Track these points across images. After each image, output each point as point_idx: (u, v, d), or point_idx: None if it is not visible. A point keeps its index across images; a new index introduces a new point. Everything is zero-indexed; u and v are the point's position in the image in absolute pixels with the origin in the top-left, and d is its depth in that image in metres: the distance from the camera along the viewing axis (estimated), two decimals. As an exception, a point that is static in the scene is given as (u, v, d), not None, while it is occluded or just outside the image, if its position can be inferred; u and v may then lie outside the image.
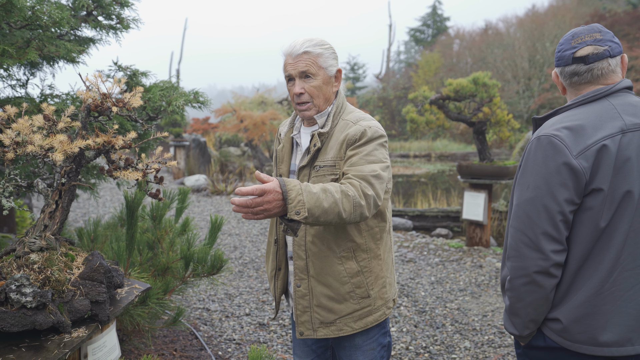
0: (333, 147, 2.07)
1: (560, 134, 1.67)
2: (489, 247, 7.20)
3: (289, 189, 1.69)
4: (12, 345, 1.69)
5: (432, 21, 48.02)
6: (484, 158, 7.14)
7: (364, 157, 1.97)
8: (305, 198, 1.71)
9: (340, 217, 1.79)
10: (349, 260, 2.08)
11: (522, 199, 1.72)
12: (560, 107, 1.83)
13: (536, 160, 1.70)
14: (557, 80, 1.90)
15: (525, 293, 1.73)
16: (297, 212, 1.69)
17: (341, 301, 2.09)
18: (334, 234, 2.07)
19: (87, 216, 9.59)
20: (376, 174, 1.93)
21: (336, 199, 1.78)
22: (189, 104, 3.17)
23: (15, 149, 1.92)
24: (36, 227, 1.97)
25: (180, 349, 3.86)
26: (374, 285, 2.12)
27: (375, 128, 2.06)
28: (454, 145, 29.93)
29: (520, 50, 29.26)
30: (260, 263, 6.62)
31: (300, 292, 2.14)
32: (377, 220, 2.12)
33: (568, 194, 1.64)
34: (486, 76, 6.78)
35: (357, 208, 1.83)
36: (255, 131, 15.84)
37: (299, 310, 2.15)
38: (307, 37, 2.12)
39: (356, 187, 1.86)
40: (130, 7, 3.11)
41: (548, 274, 1.68)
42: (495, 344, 4.17)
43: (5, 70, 2.59)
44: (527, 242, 1.69)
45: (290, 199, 1.68)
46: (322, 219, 1.76)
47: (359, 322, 2.12)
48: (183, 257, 3.12)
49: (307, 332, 2.15)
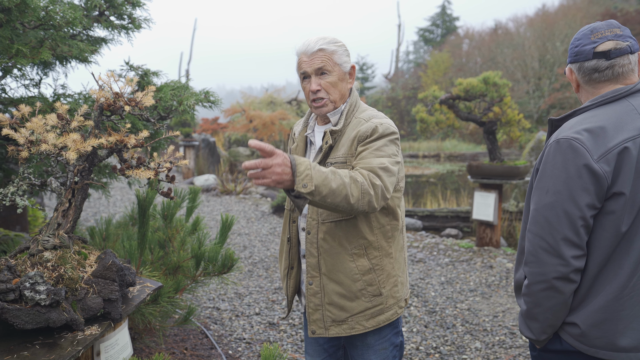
0: (344, 144, 2.08)
1: (580, 137, 1.63)
2: (499, 248, 7.17)
3: (298, 162, 1.69)
4: (26, 342, 1.70)
5: (441, 21, 47.90)
6: (494, 158, 7.11)
7: (373, 152, 1.98)
8: (313, 174, 1.70)
9: (347, 201, 1.78)
10: (361, 257, 2.08)
11: (541, 203, 1.68)
12: (578, 108, 1.77)
13: (555, 164, 1.65)
14: (572, 77, 1.84)
15: (543, 299, 1.70)
16: (304, 185, 1.68)
17: (353, 299, 2.09)
18: (345, 230, 2.07)
19: (97, 215, 9.65)
20: (384, 167, 1.93)
21: (345, 182, 1.77)
22: (200, 104, 3.18)
23: (30, 147, 1.93)
24: (49, 226, 1.99)
25: (191, 347, 3.88)
26: (385, 283, 2.11)
27: (387, 125, 2.07)
28: (463, 145, 29.82)
29: (530, 49, 29.10)
30: (270, 263, 6.63)
31: (312, 290, 2.14)
32: (388, 218, 2.12)
33: (590, 199, 1.60)
34: (497, 76, 6.75)
35: (365, 195, 1.82)
36: (264, 131, 15.87)
37: (311, 308, 2.15)
38: (321, 36, 2.14)
39: (365, 176, 1.86)
40: (141, 7, 3.13)
41: (568, 280, 1.65)
42: (506, 344, 4.15)
43: (19, 70, 2.61)
44: (546, 247, 1.65)
45: (298, 171, 1.68)
46: (330, 200, 1.75)
47: (371, 320, 2.11)
48: (194, 256, 3.13)
49: (319, 331, 2.15)
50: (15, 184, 2.03)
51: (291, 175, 1.68)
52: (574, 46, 1.80)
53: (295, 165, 1.68)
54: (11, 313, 1.65)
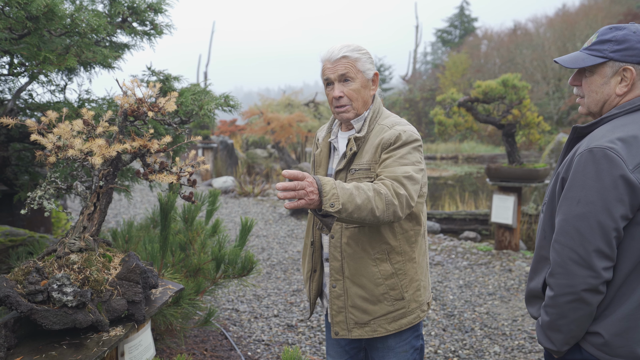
0: (368, 151, 2.10)
1: (615, 146, 1.58)
2: (518, 251, 7.12)
3: (323, 182, 1.72)
4: (54, 342, 1.75)
5: (459, 22, 47.66)
6: (513, 160, 7.06)
7: (397, 160, 2.00)
8: (339, 192, 1.73)
9: (373, 214, 1.81)
10: (384, 262, 2.11)
11: (571, 214, 1.63)
12: (605, 116, 1.72)
13: (587, 174, 1.60)
14: (632, 77, 1.70)
15: (570, 310, 1.66)
16: (331, 204, 1.71)
17: (375, 302, 2.12)
18: (369, 235, 2.10)
19: (118, 217, 9.78)
20: (409, 175, 1.95)
21: (369, 196, 1.80)
22: (220, 108, 3.23)
23: (57, 153, 1.98)
24: (75, 229, 2.04)
25: (211, 348, 3.92)
26: (408, 287, 2.13)
27: (410, 132, 2.09)
28: (482, 147, 29.62)
29: (550, 50, 28.79)
30: (288, 265, 6.67)
31: (336, 293, 2.17)
32: (412, 224, 2.14)
33: (624, 210, 1.57)
34: (516, 78, 6.71)
35: (389, 206, 1.84)
36: (282, 133, 15.93)
37: (334, 310, 2.19)
38: (345, 43, 2.17)
39: (388, 187, 1.88)
40: (163, 14, 3.18)
41: (596, 292, 1.61)
42: (525, 349, 4.12)
43: (46, 75, 2.68)
44: (576, 259, 1.61)
45: (324, 191, 1.71)
46: (356, 215, 1.78)
47: (393, 323, 2.14)
48: (214, 258, 3.18)
49: (342, 332, 2.18)
50: (43, 188, 2.09)
51: (318, 195, 1.71)
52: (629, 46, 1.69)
53: (321, 185, 1.71)
54: (40, 314, 1.69)
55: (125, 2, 3.08)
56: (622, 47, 1.70)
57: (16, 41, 2.50)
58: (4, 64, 2.83)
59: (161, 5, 3.14)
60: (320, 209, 1.74)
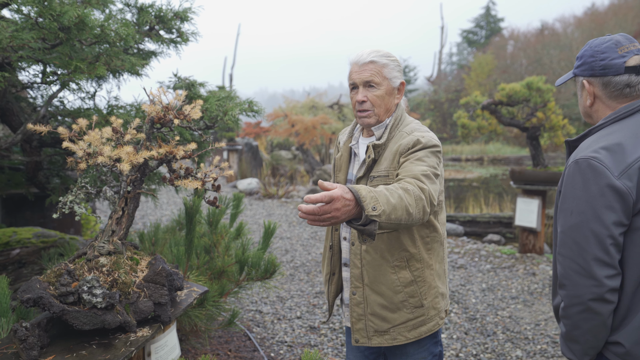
0: (387, 158, 2.10)
1: (598, 155, 1.62)
2: (542, 254, 7.05)
3: (357, 189, 1.65)
4: (84, 342, 1.82)
5: (485, 22, 47.19)
6: (537, 164, 7.00)
7: (414, 161, 1.99)
8: (376, 195, 1.67)
9: (408, 211, 1.74)
10: (403, 269, 2.12)
11: (566, 225, 1.67)
12: (592, 127, 1.76)
13: (575, 185, 1.64)
14: (590, 91, 1.78)
15: (581, 321, 1.67)
16: (373, 207, 1.64)
17: (395, 310, 2.13)
18: (387, 243, 2.11)
19: (145, 218, 9.95)
20: (426, 174, 1.92)
21: (400, 194, 1.74)
22: (244, 113, 3.29)
23: (87, 159, 2.06)
24: (104, 232, 2.12)
25: (235, 349, 3.99)
26: (427, 294, 2.14)
27: (429, 137, 2.07)
28: (508, 148, 29.28)
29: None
30: (311, 267, 6.72)
31: (356, 300, 2.19)
32: (429, 230, 2.15)
33: (616, 217, 1.58)
34: (540, 80, 6.65)
35: (419, 202, 1.79)
36: (306, 135, 16.00)
37: (354, 317, 2.20)
38: (375, 48, 2.17)
39: (412, 183, 1.85)
40: (189, 22, 3.27)
41: (604, 300, 1.62)
42: (548, 353, 4.10)
43: (76, 84, 2.77)
44: (577, 269, 1.63)
45: (362, 196, 1.63)
46: (394, 216, 1.70)
47: (412, 331, 2.15)
48: (238, 261, 3.24)
49: (362, 340, 2.19)
50: (73, 193, 2.17)
51: (355, 202, 1.63)
52: (597, 59, 1.75)
53: (357, 191, 1.64)
54: (71, 315, 1.77)
55: (152, 11, 3.17)
56: (579, 63, 1.82)
57: (49, 50, 2.59)
58: (37, 73, 2.94)
59: (187, 13, 3.22)
60: (360, 218, 1.67)
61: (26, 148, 3.23)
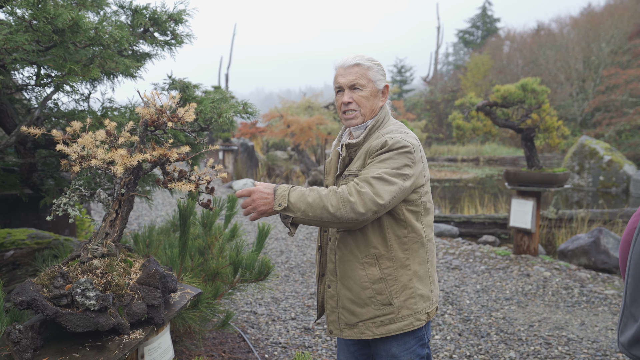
0: (360, 158, 2.17)
1: None
2: (537, 256, 7.08)
3: (277, 187, 2.02)
4: (77, 344, 1.83)
5: (481, 22, 47.30)
6: (532, 165, 7.03)
7: (375, 164, 2.05)
8: (290, 194, 1.99)
9: (327, 210, 1.95)
10: (372, 266, 2.16)
11: None
12: None
13: None
14: None
15: None
16: (279, 204, 1.98)
17: (362, 305, 2.18)
18: (355, 239, 2.17)
19: (140, 219, 9.94)
20: (379, 177, 1.99)
21: (321, 195, 1.98)
22: (238, 115, 3.30)
23: (81, 162, 2.07)
24: (98, 235, 2.12)
25: (229, 351, 4.00)
26: (399, 294, 2.15)
27: (397, 139, 2.07)
28: (503, 149, 29.36)
29: (574, 51, 28.41)
30: (306, 268, 6.73)
31: (330, 293, 2.28)
32: (406, 230, 2.15)
33: None
34: (535, 82, 6.68)
35: (345, 203, 1.95)
36: (301, 136, 16.01)
37: (328, 309, 2.29)
38: (359, 53, 2.25)
39: (349, 186, 1.99)
40: (184, 24, 3.27)
41: None
42: (541, 355, 4.12)
43: (70, 86, 2.78)
44: None
45: (276, 194, 2.01)
46: (311, 214, 1.96)
47: (380, 328, 2.18)
48: (232, 263, 3.25)
49: (335, 331, 2.28)
50: (67, 195, 2.18)
51: (273, 197, 2.02)
52: None
53: (276, 189, 2.02)
54: (64, 317, 1.78)
55: (146, 13, 3.17)
56: None
57: (43, 53, 2.59)
58: (31, 75, 2.95)
59: (181, 15, 3.23)
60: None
61: (20, 150, 3.23)
